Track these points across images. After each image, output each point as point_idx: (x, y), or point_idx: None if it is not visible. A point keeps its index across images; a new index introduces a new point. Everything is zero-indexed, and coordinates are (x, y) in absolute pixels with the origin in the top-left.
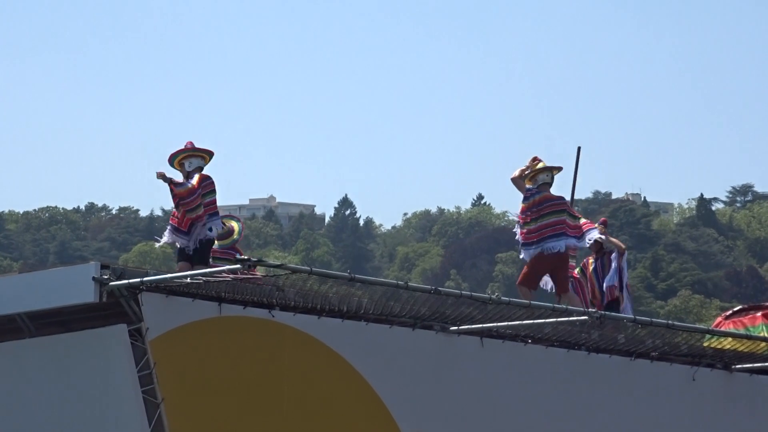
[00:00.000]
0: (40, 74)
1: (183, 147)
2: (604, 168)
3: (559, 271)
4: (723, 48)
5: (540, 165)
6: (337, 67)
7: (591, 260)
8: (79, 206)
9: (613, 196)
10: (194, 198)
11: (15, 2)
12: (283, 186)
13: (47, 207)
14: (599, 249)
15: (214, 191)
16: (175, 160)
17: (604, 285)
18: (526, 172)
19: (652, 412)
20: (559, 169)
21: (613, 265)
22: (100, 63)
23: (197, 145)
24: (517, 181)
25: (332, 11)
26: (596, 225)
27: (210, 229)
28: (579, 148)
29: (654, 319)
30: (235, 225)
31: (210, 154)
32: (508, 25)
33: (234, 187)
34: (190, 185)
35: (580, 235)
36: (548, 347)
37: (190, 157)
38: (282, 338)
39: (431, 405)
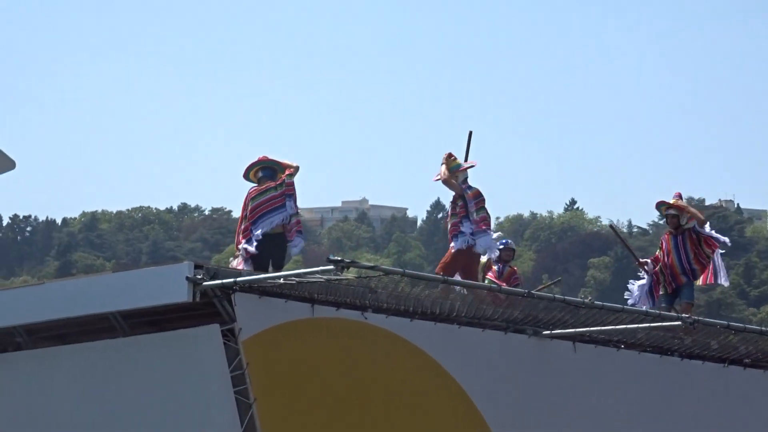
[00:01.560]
0: (136, 76)
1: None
2: (697, 174)
3: (474, 266)
4: None
5: (457, 162)
6: (428, 72)
7: (669, 237)
8: (171, 206)
9: (707, 203)
10: None
11: (122, 3)
12: (376, 188)
13: (140, 207)
14: (677, 226)
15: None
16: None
17: (720, 278)
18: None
19: (745, 420)
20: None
21: (717, 260)
22: (195, 64)
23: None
24: (449, 181)
25: (434, 12)
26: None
27: None
28: (470, 132)
29: (747, 326)
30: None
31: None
32: (598, 26)
33: (327, 190)
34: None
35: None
36: (641, 352)
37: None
38: (374, 340)
39: (523, 408)
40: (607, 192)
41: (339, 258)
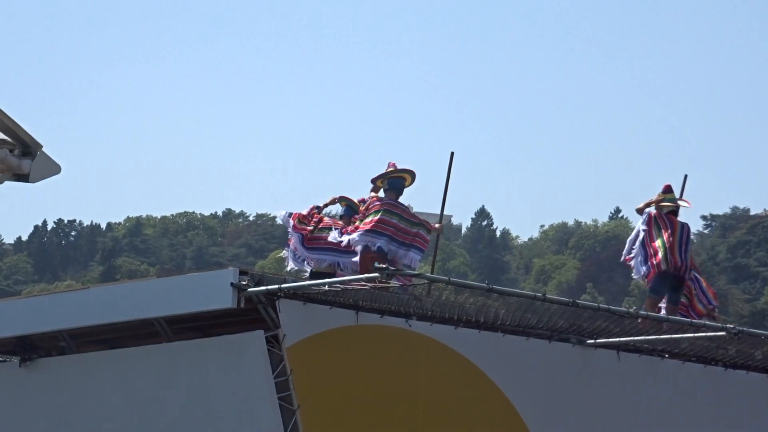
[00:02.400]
0: (181, 82)
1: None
2: (742, 183)
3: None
4: None
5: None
6: (473, 75)
7: None
8: (216, 212)
9: (752, 212)
10: None
11: (167, 11)
12: (421, 196)
13: (185, 212)
14: None
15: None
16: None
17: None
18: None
19: None
20: (408, 172)
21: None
22: (240, 71)
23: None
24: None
25: (466, 19)
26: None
27: None
28: (452, 153)
29: None
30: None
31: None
32: (639, 31)
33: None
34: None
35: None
36: (685, 362)
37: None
38: (418, 348)
39: (567, 417)
40: None
41: (384, 265)
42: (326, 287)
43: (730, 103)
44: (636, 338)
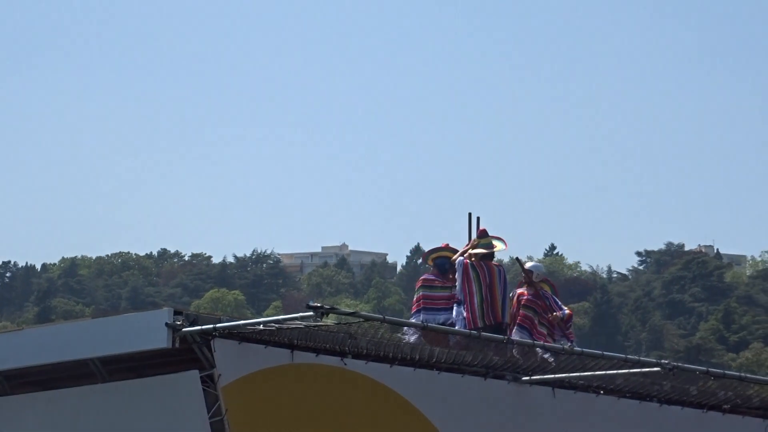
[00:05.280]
0: (115, 121)
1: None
2: (676, 220)
3: None
4: None
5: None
6: (406, 118)
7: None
8: (151, 252)
9: (686, 248)
10: None
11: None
12: (356, 234)
13: (120, 253)
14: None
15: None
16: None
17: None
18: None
19: None
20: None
21: None
22: (174, 110)
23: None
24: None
25: (417, 56)
26: None
27: None
28: (470, 215)
29: (726, 371)
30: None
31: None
32: (580, 71)
33: (306, 235)
34: None
35: None
36: (620, 398)
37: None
38: (354, 386)
39: None
40: (587, 238)
41: (318, 304)
42: (261, 326)
43: (666, 140)
44: (571, 375)
